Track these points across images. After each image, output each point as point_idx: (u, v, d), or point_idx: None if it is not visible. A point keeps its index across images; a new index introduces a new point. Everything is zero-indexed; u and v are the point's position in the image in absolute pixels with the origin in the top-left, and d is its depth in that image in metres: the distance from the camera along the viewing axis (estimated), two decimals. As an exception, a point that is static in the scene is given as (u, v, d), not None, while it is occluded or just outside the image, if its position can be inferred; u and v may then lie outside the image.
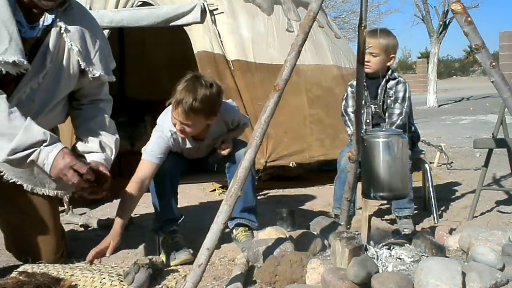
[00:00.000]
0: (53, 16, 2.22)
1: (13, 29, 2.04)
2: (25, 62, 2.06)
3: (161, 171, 2.53)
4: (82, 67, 2.28)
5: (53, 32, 2.22)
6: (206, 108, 2.44)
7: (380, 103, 3.01)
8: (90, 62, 2.30)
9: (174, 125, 2.51)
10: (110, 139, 2.35)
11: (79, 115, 2.43)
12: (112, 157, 2.33)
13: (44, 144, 2.02)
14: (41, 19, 2.19)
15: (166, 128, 2.57)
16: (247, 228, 2.67)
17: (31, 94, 2.21)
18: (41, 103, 2.27)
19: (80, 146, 2.32)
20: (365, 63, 2.92)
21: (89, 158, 2.25)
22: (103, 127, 2.37)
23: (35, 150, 2.01)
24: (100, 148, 2.28)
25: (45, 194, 2.43)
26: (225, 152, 2.61)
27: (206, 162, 2.81)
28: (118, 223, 2.34)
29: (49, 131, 2.48)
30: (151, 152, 2.52)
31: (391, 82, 3.02)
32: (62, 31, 2.22)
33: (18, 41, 2.05)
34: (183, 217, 2.66)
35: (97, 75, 2.31)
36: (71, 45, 2.23)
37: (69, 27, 2.24)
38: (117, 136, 2.40)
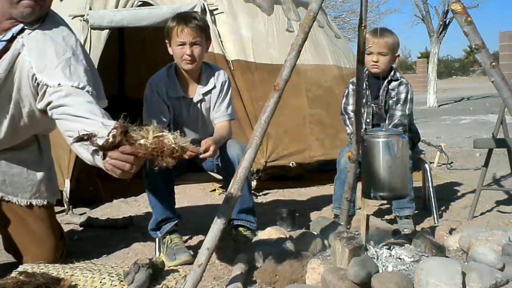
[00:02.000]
0: (14, 32, 2.16)
1: None
2: None
3: (154, 171, 2.50)
4: (36, 79, 2.12)
5: (12, 47, 2.16)
6: (206, 27, 2.67)
7: (382, 104, 2.99)
8: (48, 74, 2.10)
9: (181, 56, 2.62)
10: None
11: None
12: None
13: None
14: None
15: (153, 82, 2.77)
16: (246, 229, 2.67)
17: None
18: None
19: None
20: (374, 63, 2.92)
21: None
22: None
23: None
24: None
25: (17, 203, 2.39)
26: (207, 154, 2.50)
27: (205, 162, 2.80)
28: None
29: (33, 136, 2.44)
30: (149, 114, 2.66)
31: (394, 83, 3.00)
32: (20, 47, 2.15)
33: None
34: (180, 216, 2.65)
35: (50, 84, 2.08)
36: (27, 60, 2.13)
37: (30, 40, 2.15)
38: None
